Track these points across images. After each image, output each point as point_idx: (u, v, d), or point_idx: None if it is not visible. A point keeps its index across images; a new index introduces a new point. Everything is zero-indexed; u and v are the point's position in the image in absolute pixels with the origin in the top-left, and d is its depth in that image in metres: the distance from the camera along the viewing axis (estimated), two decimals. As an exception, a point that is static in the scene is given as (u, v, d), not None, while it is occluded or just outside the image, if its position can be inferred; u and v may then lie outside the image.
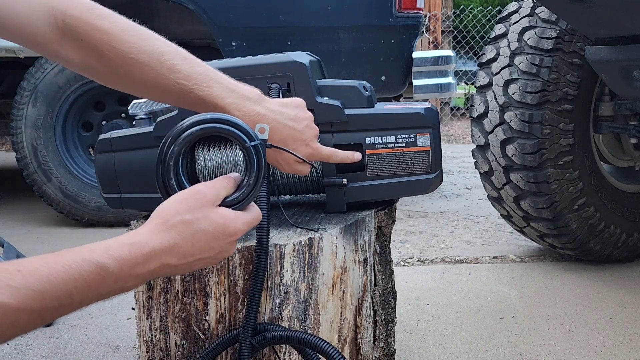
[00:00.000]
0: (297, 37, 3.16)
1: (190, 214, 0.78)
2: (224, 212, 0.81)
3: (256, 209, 0.87)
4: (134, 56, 0.93)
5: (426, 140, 1.10)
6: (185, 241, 0.78)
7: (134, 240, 0.75)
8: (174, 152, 0.85)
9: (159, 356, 1.03)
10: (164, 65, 0.94)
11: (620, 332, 1.80)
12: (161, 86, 0.95)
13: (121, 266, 0.72)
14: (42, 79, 3.10)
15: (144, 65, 0.94)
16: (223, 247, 0.81)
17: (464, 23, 8.60)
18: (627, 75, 1.85)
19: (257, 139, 0.85)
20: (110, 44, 0.93)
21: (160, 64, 0.94)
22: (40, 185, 3.17)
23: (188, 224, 0.78)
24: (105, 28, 0.93)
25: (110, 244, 0.74)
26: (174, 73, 0.95)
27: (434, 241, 2.85)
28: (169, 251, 0.76)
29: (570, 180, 2.16)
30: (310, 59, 1.14)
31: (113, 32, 0.93)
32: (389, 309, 1.18)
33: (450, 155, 5.72)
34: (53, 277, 0.67)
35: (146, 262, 0.75)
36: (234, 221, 0.81)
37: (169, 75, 0.95)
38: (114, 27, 0.93)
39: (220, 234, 0.80)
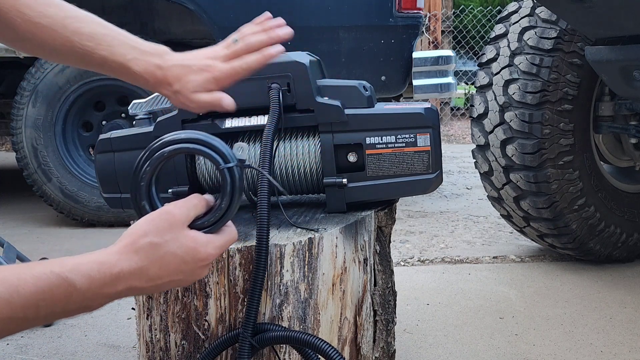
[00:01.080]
0: (297, 37, 3.15)
1: (158, 236, 0.76)
2: (194, 235, 0.79)
3: (231, 230, 0.85)
4: (39, 20, 0.95)
5: (426, 140, 1.10)
6: (153, 264, 0.76)
7: (104, 259, 0.74)
8: (145, 172, 0.83)
9: (159, 356, 1.03)
10: (67, 29, 0.96)
11: (620, 332, 1.80)
12: (67, 49, 0.96)
13: (89, 284, 0.72)
14: (42, 79, 3.10)
15: (49, 29, 0.95)
16: (194, 271, 0.79)
17: (464, 23, 8.60)
18: (627, 75, 1.85)
19: (233, 160, 0.83)
20: (18, 10, 0.94)
21: (64, 28, 0.95)
22: (40, 185, 3.17)
23: (156, 247, 0.76)
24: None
25: (81, 261, 0.73)
26: (77, 35, 0.96)
27: (434, 241, 2.85)
28: (136, 274, 0.75)
29: (570, 180, 2.16)
30: (310, 59, 1.14)
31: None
32: (389, 309, 1.18)
33: (450, 155, 5.72)
34: (21, 287, 0.67)
35: (114, 283, 0.74)
36: (205, 245, 0.79)
37: (72, 37, 0.96)
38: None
39: (190, 258, 0.78)
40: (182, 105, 1.00)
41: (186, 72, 0.98)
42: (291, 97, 1.11)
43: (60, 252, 2.70)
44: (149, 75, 0.97)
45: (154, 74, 0.98)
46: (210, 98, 0.99)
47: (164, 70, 0.98)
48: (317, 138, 1.13)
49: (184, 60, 0.99)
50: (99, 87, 3.17)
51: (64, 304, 0.70)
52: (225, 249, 0.83)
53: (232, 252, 0.97)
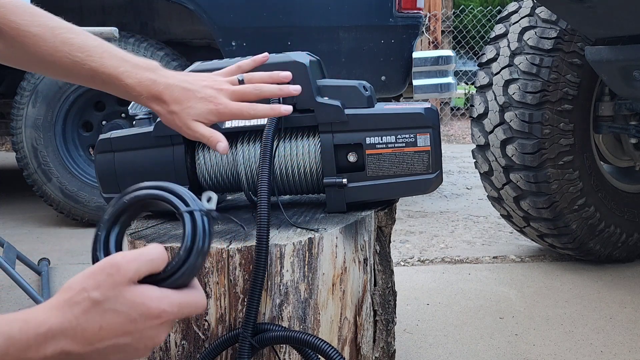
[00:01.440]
0: (297, 37, 3.16)
1: (98, 291, 0.63)
2: (143, 290, 0.65)
3: (197, 293, 0.70)
4: (28, 29, 0.93)
5: (426, 140, 1.10)
6: (90, 323, 0.62)
7: (30, 316, 0.61)
8: (103, 221, 0.75)
9: (159, 356, 1.03)
10: (57, 39, 0.94)
11: (620, 332, 1.80)
12: (55, 60, 0.94)
13: (7, 347, 0.59)
14: (42, 79, 3.10)
15: (38, 38, 0.93)
16: (145, 333, 0.65)
17: (464, 23, 8.60)
18: (627, 75, 1.85)
19: (195, 205, 0.72)
20: (4, 17, 0.92)
21: (53, 37, 0.94)
22: (40, 185, 3.17)
23: (96, 304, 0.62)
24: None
25: (2, 318, 0.60)
26: (67, 46, 0.94)
27: (434, 241, 2.85)
28: (70, 334, 0.61)
29: (570, 180, 2.16)
30: (310, 59, 1.14)
31: (7, 6, 0.93)
32: (389, 309, 1.18)
33: (450, 155, 5.72)
34: None
35: (40, 344, 0.60)
36: (157, 301, 0.65)
37: (62, 47, 0.94)
38: (8, 1, 0.93)
39: (138, 315, 0.64)
40: (173, 125, 0.98)
41: (188, 96, 0.96)
42: (291, 97, 1.11)
43: (60, 252, 2.70)
44: (142, 88, 0.95)
45: (148, 88, 0.96)
46: (209, 134, 0.97)
47: (158, 86, 0.96)
48: (317, 138, 1.13)
49: (184, 83, 0.97)
50: (99, 87, 3.17)
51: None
52: (187, 310, 0.68)
53: (232, 252, 0.97)
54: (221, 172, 1.17)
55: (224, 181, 1.18)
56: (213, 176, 1.18)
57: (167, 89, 0.96)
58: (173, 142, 1.15)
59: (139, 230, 1.11)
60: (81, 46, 0.95)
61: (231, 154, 1.16)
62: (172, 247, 0.99)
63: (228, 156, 1.16)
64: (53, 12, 0.98)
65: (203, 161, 1.18)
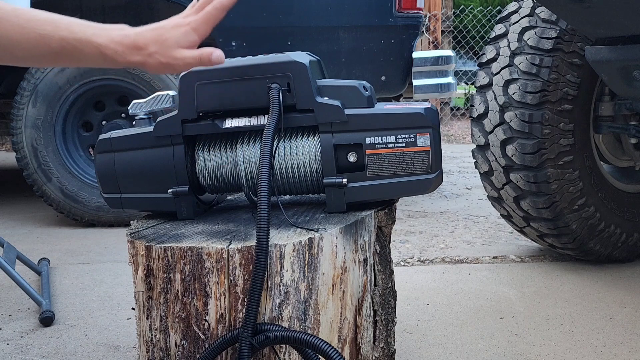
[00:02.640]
0: (297, 37, 3.16)
1: None
2: None
3: None
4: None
5: (426, 140, 1.10)
6: None
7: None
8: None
9: (159, 356, 1.03)
10: (20, 18, 0.93)
11: (620, 332, 1.80)
12: (21, 39, 0.92)
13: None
14: (42, 79, 3.10)
15: (2, 20, 0.92)
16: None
17: (464, 23, 8.60)
18: (627, 75, 1.85)
19: None
20: None
21: (17, 17, 0.93)
22: (40, 185, 3.17)
23: None
24: None
25: None
26: (32, 22, 0.93)
27: (434, 241, 2.85)
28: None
29: (570, 180, 2.16)
30: (310, 59, 1.14)
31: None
32: (389, 309, 1.19)
33: (450, 155, 5.73)
34: None
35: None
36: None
37: (27, 25, 0.93)
38: None
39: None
40: (162, 67, 0.97)
41: (160, 32, 0.97)
42: (291, 97, 1.11)
43: (60, 252, 2.70)
44: (116, 44, 0.94)
45: (121, 42, 0.95)
46: (198, 53, 0.97)
47: (131, 37, 0.95)
48: (317, 138, 1.13)
49: (152, 26, 0.98)
50: (99, 87, 3.17)
51: None
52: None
53: (232, 252, 0.97)
54: (221, 172, 1.17)
55: (224, 181, 1.18)
56: (213, 176, 1.18)
57: (138, 36, 0.96)
58: (173, 142, 1.15)
59: (139, 230, 1.11)
60: (47, 19, 0.94)
61: (231, 154, 1.16)
62: (172, 247, 0.99)
63: (228, 156, 1.16)
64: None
65: (203, 161, 1.18)
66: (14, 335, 1.84)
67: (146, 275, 1.02)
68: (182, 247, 0.98)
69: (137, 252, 1.03)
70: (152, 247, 1.00)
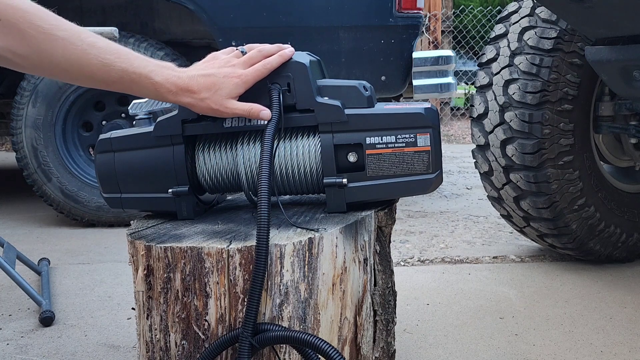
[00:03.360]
0: (297, 37, 3.16)
1: None
2: None
3: None
4: (56, 33, 0.95)
5: (426, 140, 1.10)
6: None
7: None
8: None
9: (159, 356, 1.03)
10: (84, 42, 0.96)
11: (620, 332, 1.80)
12: (84, 63, 0.97)
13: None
14: (42, 79, 3.10)
15: (66, 41, 0.95)
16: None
17: (464, 23, 8.60)
18: (627, 75, 1.85)
19: None
20: (31, 22, 0.93)
21: (80, 41, 0.96)
22: (40, 185, 3.17)
23: None
24: (23, 7, 0.93)
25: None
26: (95, 49, 0.97)
27: (434, 241, 2.85)
28: None
29: (570, 180, 2.16)
30: (311, 59, 1.14)
31: (32, 11, 0.94)
32: (389, 309, 1.19)
33: (450, 155, 5.73)
34: None
35: None
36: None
37: (90, 50, 0.97)
38: (31, 6, 0.94)
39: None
40: (209, 111, 1.06)
41: (213, 81, 1.04)
42: (291, 97, 1.11)
43: (60, 252, 2.70)
44: (170, 84, 1.02)
45: (176, 84, 1.02)
46: (248, 107, 1.06)
47: (183, 80, 1.03)
48: (317, 138, 1.13)
49: (202, 71, 1.05)
50: (99, 87, 3.16)
51: None
52: None
53: (233, 252, 0.97)
54: (221, 172, 1.17)
55: (224, 181, 1.18)
56: (213, 176, 1.18)
57: (191, 80, 1.03)
58: (173, 142, 1.15)
59: (139, 230, 1.11)
60: (107, 49, 0.99)
61: (231, 154, 1.16)
62: (172, 247, 0.99)
63: (228, 156, 1.16)
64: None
65: (203, 161, 1.18)
66: (14, 335, 1.84)
67: (146, 275, 1.02)
68: (182, 247, 0.98)
69: (137, 252, 1.03)
70: (152, 247, 1.00)
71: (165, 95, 1.03)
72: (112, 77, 0.99)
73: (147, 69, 1.00)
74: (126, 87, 1.01)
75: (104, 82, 1.00)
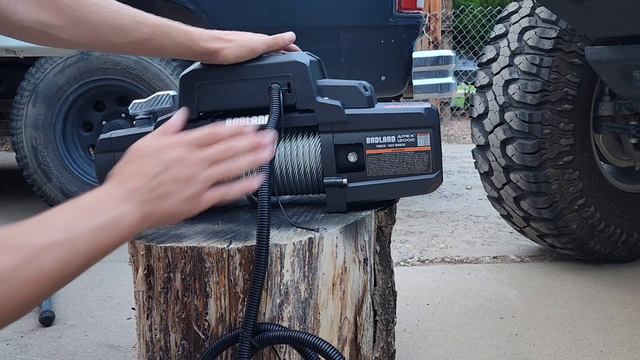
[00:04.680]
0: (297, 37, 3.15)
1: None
2: None
3: None
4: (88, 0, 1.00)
5: (426, 140, 1.10)
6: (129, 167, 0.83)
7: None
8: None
9: (159, 356, 1.03)
10: (114, 5, 1.02)
11: (620, 332, 1.80)
12: (117, 23, 1.02)
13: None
14: (42, 79, 3.10)
15: (98, 6, 1.01)
16: (163, 152, 0.82)
17: (464, 23, 8.60)
18: (627, 75, 1.85)
19: None
20: None
21: (111, 4, 1.02)
22: (40, 185, 3.17)
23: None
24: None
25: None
26: (125, 10, 1.03)
27: (434, 241, 2.85)
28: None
29: (570, 180, 2.16)
30: (311, 59, 1.14)
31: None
32: (389, 309, 1.19)
33: (450, 155, 5.73)
34: None
35: None
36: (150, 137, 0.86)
37: (121, 11, 1.02)
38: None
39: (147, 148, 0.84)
40: (236, 47, 1.08)
41: (239, 34, 1.11)
42: (291, 97, 1.11)
43: (60, 252, 2.69)
44: (200, 32, 1.08)
45: (204, 31, 1.09)
46: (272, 36, 1.11)
47: (211, 31, 1.10)
48: (317, 138, 1.13)
49: None
50: (99, 87, 3.17)
51: None
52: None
53: (233, 252, 0.97)
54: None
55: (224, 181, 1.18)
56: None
57: (220, 32, 1.10)
58: (173, 142, 1.15)
59: (139, 230, 1.11)
60: (136, 10, 1.04)
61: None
62: (172, 247, 0.99)
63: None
64: None
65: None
66: (14, 335, 1.84)
67: (146, 275, 1.02)
68: (183, 247, 0.98)
69: (137, 252, 1.03)
70: (153, 247, 1.00)
71: (197, 41, 1.06)
72: (145, 33, 1.03)
73: (175, 22, 1.07)
74: (156, 43, 1.05)
75: (137, 40, 1.04)
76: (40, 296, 0.67)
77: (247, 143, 0.89)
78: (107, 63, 3.07)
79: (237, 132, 0.88)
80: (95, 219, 0.75)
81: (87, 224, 0.73)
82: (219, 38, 1.08)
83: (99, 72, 3.08)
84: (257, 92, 1.10)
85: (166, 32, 1.05)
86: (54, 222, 0.72)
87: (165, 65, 3.10)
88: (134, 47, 1.06)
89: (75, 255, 0.70)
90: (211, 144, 0.86)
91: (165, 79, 3.09)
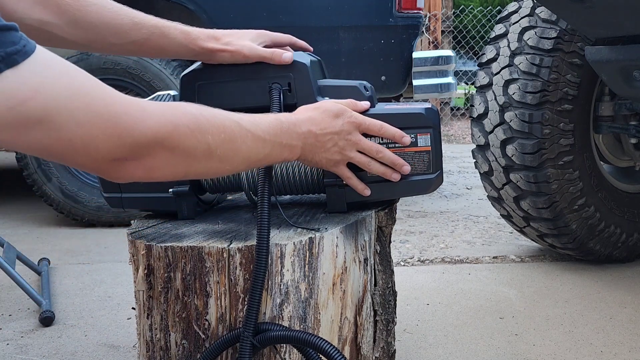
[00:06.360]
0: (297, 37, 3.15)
1: None
2: None
3: None
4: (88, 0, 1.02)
5: (427, 140, 1.10)
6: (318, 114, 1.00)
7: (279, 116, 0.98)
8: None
9: (159, 356, 1.03)
10: (114, 6, 1.04)
11: (620, 332, 1.80)
12: (117, 23, 1.03)
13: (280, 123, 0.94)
14: (42, 79, 3.10)
15: (98, 6, 1.02)
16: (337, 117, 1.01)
17: (464, 23, 8.60)
18: (627, 75, 1.85)
19: None
20: None
21: (111, 5, 1.04)
22: (40, 185, 3.17)
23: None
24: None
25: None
26: (124, 10, 1.05)
27: (434, 241, 2.85)
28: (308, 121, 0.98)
29: (570, 180, 2.16)
30: (311, 59, 1.14)
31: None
32: (389, 309, 1.19)
33: (450, 155, 5.73)
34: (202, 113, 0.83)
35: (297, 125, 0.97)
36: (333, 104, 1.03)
37: (120, 12, 1.04)
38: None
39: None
40: (232, 50, 1.08)
41: (237, 31, 1.12)
42: (292, 97, 1.11)
43: (60, 252, 2.70)
44: (198, 32, 1.10)
45: (202, 31, 1.10)
46: (270, 52, 1.09)
47: (209, 31, 1.11)
48: (317, 138, 1.12)
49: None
50: (99, 87, 3.16)
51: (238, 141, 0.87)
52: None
53: (233, 252, 0.97)
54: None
55: (225, 181, 1.18)
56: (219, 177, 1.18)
57: (218, 31, 1.11)
58: (173, 142, 1.15)
59: (140, 229, 1.11)
60: (135, 11, 1.06)
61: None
62: (173, 247, 0.99)
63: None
64: None
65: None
66: (14, 335, 1.84)
67: (147, 275, 1.02)
68: (183, 247, 0.98)
69: (137, 251, 1.03)
70: (153, 247, 1.00)
71: (195, 40, 1.08)
72: (144, 34, 1.05)
73: (184, 27, 1.09)
74: (155, 44, 1.06)
75: (136, 41, 1.05)
76: (236, 164, 0.91)
77: (390, 157, 1.07)
78: (107, 63, 3.07)
79: (399, 136, 1.07)
80: (284, 138, 0.94)
81: (279, 139, 0.94)
82: (214, 38, 1.09)
83: (99, 72, 3.08)
84: (258, 92, 1.10)
85: (165, 33, 1.06)
86: (267, 124, 0.92)
87: (165, 65, 3.10)
88: (133, 48, 1.07)
89: (263, 150, 0.92)
90: (374, 135, 1.07)
91: (165, 79, 3.09)
